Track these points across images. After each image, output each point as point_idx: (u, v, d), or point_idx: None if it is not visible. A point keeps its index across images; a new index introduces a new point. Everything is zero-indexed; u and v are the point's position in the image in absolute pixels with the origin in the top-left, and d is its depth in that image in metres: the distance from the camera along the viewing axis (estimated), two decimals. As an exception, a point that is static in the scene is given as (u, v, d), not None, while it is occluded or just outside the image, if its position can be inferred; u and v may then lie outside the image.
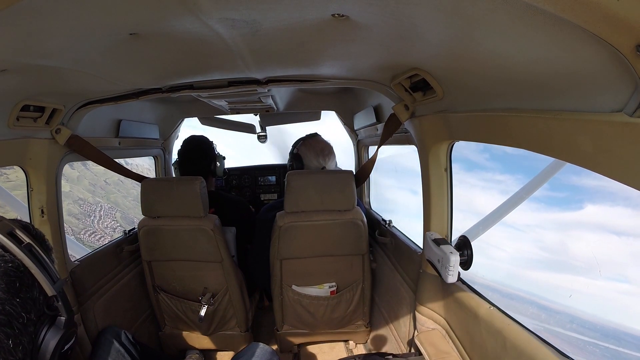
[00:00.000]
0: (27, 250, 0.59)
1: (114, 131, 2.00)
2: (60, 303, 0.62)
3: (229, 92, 1.54)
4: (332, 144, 2.11)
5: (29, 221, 1.43)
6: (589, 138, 0.66)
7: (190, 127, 3.05)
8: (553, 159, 0.87)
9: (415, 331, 1.51)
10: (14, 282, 0.56)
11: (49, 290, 0.61)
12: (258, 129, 3.07)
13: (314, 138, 2.09)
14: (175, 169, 2.36)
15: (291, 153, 2.12)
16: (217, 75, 1.35)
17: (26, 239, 0.60)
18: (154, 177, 2.74)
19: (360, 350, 2.25)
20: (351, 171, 1.79)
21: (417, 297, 1.51)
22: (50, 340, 0.60)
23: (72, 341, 0.65)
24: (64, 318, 0.62)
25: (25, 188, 1.47)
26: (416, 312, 1.50)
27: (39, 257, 0.60)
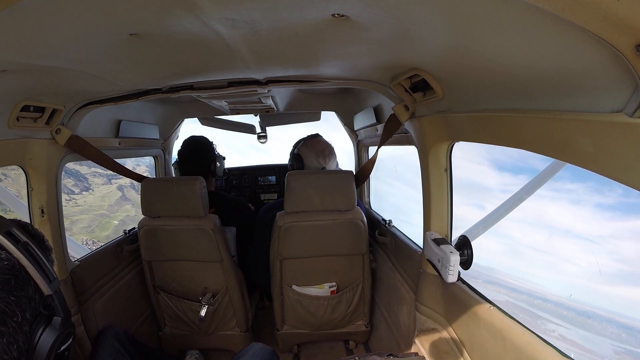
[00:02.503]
0: (24, 248, 0.59)
1: (114, 131, 2.00)
2: (56, 302, 0.62)
3: (229, 93, 1.54)
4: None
5: (29, 221, 1.43)
6: (589, 138, 0.66)
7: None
8: (553, 159, 0.87)
9: (416, 331, 1.51)
10: (8, 280, 0.56)
11: (45, 290, 0.60)
12: (258, 129, 3.07)
13: (315, 139, 2.09)
14: (175, 169, 2.36)
15: (292, 153, 2.12)
16: (217, 75, 1.35)
17: (23, 238, 0.60)
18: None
19: (360, 350, 2.25)
20: (351, 171, 1.79)
21: (417, 297, 1.51)
22: (46, 340, 0.59)
23: (69, 342, 0.65)
24: (61, 318, 0.62)
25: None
26: (416, 312, 1.50)
27: (36, 256, 0.60)
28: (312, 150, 2.03)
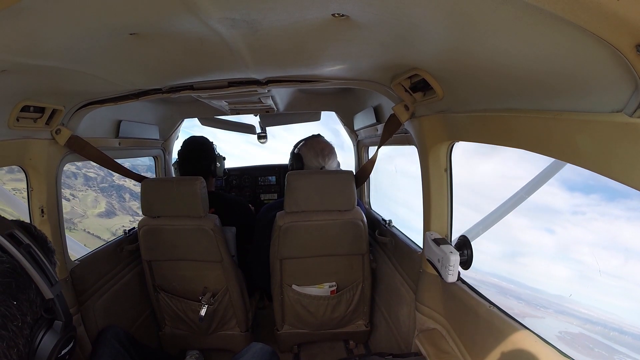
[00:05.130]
0: (26, 251, 0.58)
1: (114, 132, 2.00)
2: (57, 306, 0.62)
3: (229, 93, 1.54)
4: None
5: (29, 221, 1.43)
6: (589, 138, 0.66)
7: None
8: (553, 159, 0.87)
9: (415, 331, 1.51)
10: (9, 283, 0.55)
11: (46, 293, 0.60)
12: (258, 130, 3.08)
13: (315, 139, 2.09)
14: (175, 169, 2.36)
15: (292, 153, 2.12)
16: (217, 75, 1.35)
17: (25, 240, 0.60)
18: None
19: (360, 350, 2.25)
20: (351, 171, 1.79)
21: (417, 297, 1.51)
22: (47, 344, 0.59)
23: (70, 346, 0.64)
24: (62, 322, 0.62)
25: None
26: (416, 312, 1.50)
27: (37, 259, 0.59)
28: (312, 150, 2.03)
